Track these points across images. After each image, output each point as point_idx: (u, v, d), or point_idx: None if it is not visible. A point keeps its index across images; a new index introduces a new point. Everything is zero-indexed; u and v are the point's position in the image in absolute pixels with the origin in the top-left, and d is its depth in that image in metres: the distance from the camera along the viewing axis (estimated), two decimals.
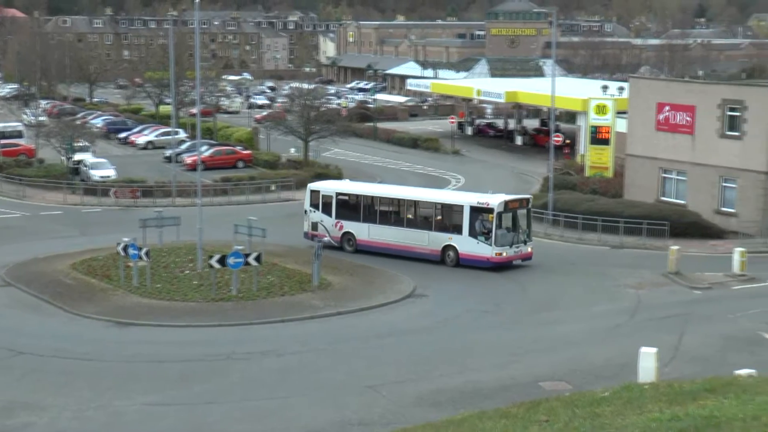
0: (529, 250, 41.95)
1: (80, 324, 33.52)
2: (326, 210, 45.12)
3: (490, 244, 40.51)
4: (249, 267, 36.36)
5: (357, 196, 45.28)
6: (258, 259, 36.41)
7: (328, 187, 46.95)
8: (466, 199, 42.48)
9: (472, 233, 40.97)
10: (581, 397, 17.24)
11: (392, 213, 44.12)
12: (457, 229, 41.46)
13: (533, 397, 21.89)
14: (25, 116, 69.53)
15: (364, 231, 44.08)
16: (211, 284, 36.33)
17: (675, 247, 41.31)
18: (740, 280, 39.49)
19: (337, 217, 44.80)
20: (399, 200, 44.11)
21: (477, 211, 41.05)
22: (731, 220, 48.66)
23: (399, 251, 42.88)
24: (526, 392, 24.80)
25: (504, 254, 40.59)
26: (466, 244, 41.11)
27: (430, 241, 42.17)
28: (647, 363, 23.89)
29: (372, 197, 44.83)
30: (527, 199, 42.76)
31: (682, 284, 38.99)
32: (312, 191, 46.22)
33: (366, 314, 34.91)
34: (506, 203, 40.89)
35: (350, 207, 45.00)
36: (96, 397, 26.14)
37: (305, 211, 46.10)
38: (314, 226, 45.41)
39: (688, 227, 47.65)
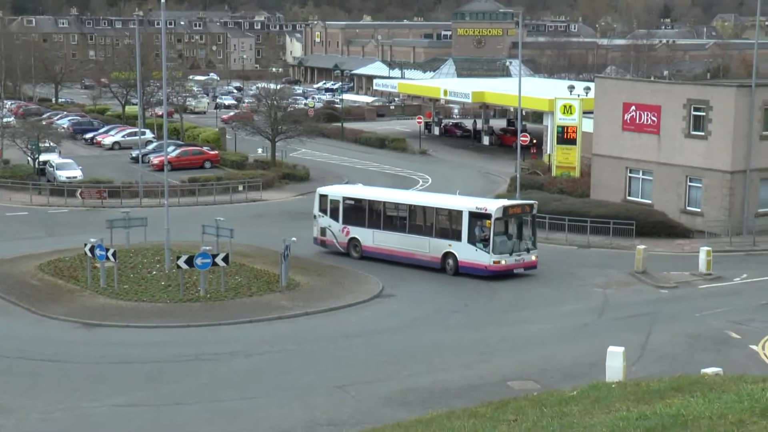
0: (533, 258, 40.20)
1: (47, 325, 33.29)
2: (334, 215, 43.90)
3: (488, 252, 38.93)
4: (217, 267, 36.27)
5: (362, 200, 43.77)
6: (225, 259, 36.32)
7: (336, 191, 45.64)
8: (466, 204, 40.53)
9: (471, 240, 39.38)
10: (549, 397, 17.34)
11: (396, 218, 42.54)
12: (457, 236, 39.82)
13: (502, 396, 22.00)
14: None
15: (368, 237, 42.79)
16: (178, 285, 36.19)
17: (642, 247, 41.64)
18: (706, 279, 39.86)
19: (344, 222, 43.54)
20: (401, 205, 42.57)
21: (476, 217, 39.41)
22: (697, 219, 49.11)
23: (402, 258, 41.60)
24: (494, 392, 24.90)
25: (503, 262, 38.85)
26: (465, 252, 39.55)
27: (431, 248, 40.71)
28: (615, 362, 24.09)
29: (375, 201, 43.30)
30: (530, 205, 40.67)
31: (649, 283, 39.30)
32: (320, 195, 44.94)
33: (334, 314, 34.92)
34: (506, 209, 39.41)
35: (357, 212, 43.59)
36: (64, 398, 25.97)
37: (314, 216, 44.97)
38: (323, 231, 44.34)
39: (654, 227, 48.03)
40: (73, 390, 26.50)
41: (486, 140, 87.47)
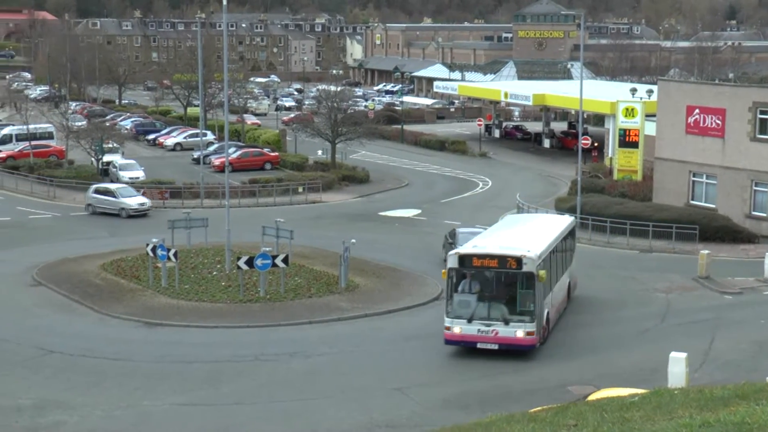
0: (519, 335, 28.58)
1: (109, 324, 33.72)
2: None
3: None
4: (276, 268, 36.43)
5: None
6: (285, 260, 36.47)
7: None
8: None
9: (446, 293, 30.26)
10: (610, 402, 17.11)
11: None
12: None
13: (561, 401, 21.80)
14: (61, 118, 70.07)
15: None
16: (238, 285, 36.43)
17: (705, 252, 41.01)
18: None
19: None
20: None
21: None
22: (763, 224, 48.25)
23: None
24: (553, 396, 24.70)
25: (457, 331, 28.72)
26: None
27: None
28: (677, 368, 23.76)
29: None
30: (518, 259, 28.55)
31: (713, 289, 38.70)
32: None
33: (393, 316, 34.87)
34: (465, 258, 28.86)
35: None
36: (125, 396, 26.29)
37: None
38: None
39: (718, 231, 47.30)
40: (134, 388, 26.81)
41: (546, 143, 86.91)
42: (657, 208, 49.70)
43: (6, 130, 76.60)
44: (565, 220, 37.09)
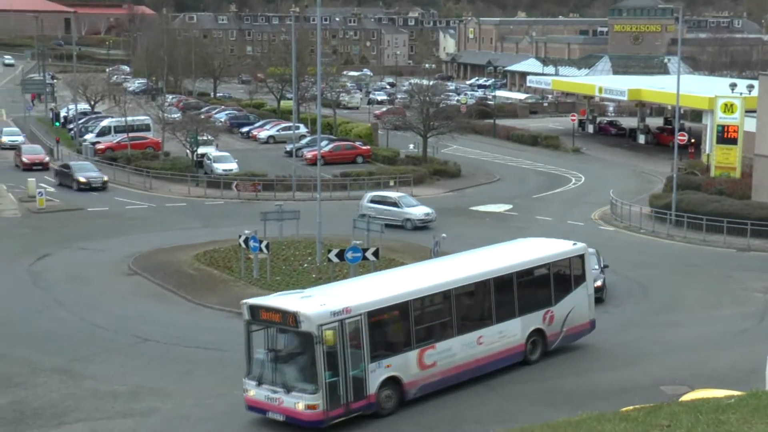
0: (300, 408, 23.09)
1: (202, 314, 34.25)
2: None
3: None
4: (367, 262, 36.52)
5: None
6: (376, 254, 36.53)
7: None
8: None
9: None
10: (705, 403, 16.73)
11: None
12: None
13: (653, 401, 21.40)
14: (158, 111, 71.46)
15: None
16: (329, 278, 36.62)
17: None
18: None
19: None
20: None
21: None
22: None
23: None
24: (645, 395, 24.27)
25: (252, 394, 23.96)
26: None
27: None
28: None
29: None
30: (294, 315, 23.04)
31: None
32: None
33: None
34: (255, 310, 24.15)
35: None
36: (217, 385, 26.67)
37: None
38: None
39: None
40: (226, 377, 27.13)
41: (641, 139, 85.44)
42: (756, 206, 48.43)
43: (105, 122, 78.36)
44: (549, 249, 29.90)
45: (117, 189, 61.12)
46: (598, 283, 34.51)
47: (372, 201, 50.19)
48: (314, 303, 23.54)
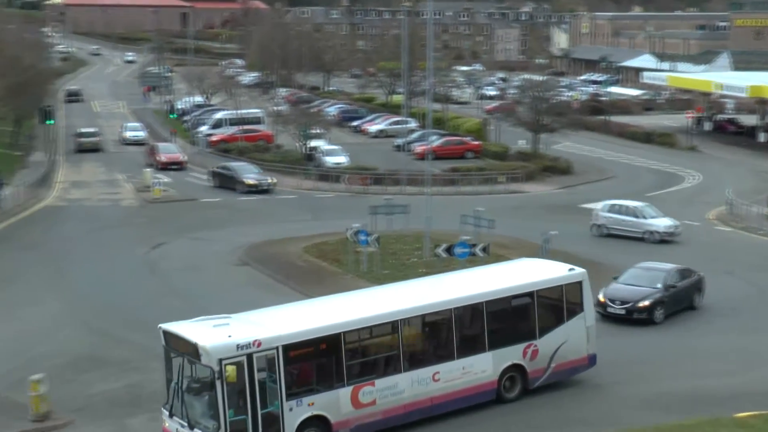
0: None
1: None
2: None
3: None
4: (475, 257, 36.27)
5: None
6: (486, 249, 36.24)
7: None
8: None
9: None
10: None
11: None
12: None
13: None
14: (270, 104, 72.51)
15: None
16: (437, 273, 36.46)
17: None
18: None
19: None
20: None
21: None
22: None
23: None
24: (761, 402, 23.49)
25: (167, 426, 21.95)
26: None
27: None
28: None
29: None
30: (194, 347, 20.90)
31: None
32: None
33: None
34: (167, 336, 22.07)
35: None
36: None
37: None
38: None
39: None
40: None
41: (762, 137, 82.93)
42: None
43: (219, 115, 79.82)
44: (539, 274, 26.41)
45: None
46: (645, 303, 32.06)
47: (608, 210, 46.96)
48: (220, 334, 21.03)
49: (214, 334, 21.05)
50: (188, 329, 21.56)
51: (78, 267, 40.66)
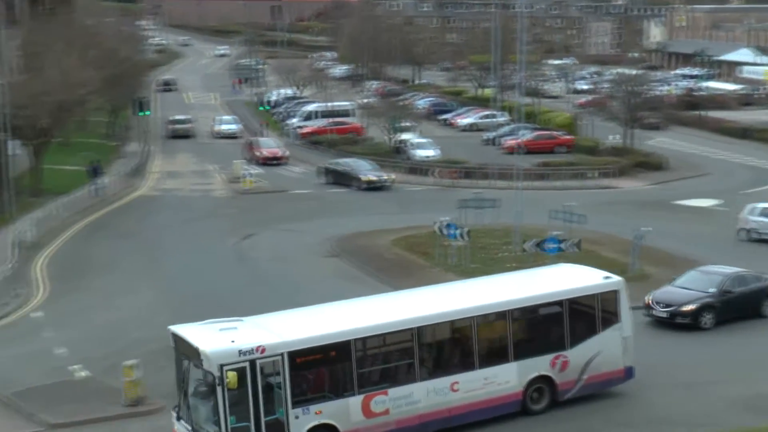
0: None
1: None
2: None
3: None
4: (564, 253, 35.83)
5: None
6: (578, 245, 35.77)
7: None
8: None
9: None
10: None
11: None
12: None
13: None
14: (360, 96, 72.83)
15: None
16: (527, 268, 36.15)
17: None
18: None
19: None
20: None
21: None
22: None
23: None
24: None
25: (175, 429, 21.87)
26: None
27: None
28: None
29: None
30: (196, 351, 20.59)
31: None
32: None
33: None
34: (175, 339, 21.84)
35: None
36: None
37: None
38: None
39: None
40: None
41: None
42: None
43: (310, 107, 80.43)
44: (572, 282, 25.14)
45: None
46: (689, 307, 30.79)
47: (761, 214, 43.42)
48: (223, 339, 20.61)
49: (217, 338, 20.69)
50: (194, 333, 21.26)
51: (171, 256, 41.46)
